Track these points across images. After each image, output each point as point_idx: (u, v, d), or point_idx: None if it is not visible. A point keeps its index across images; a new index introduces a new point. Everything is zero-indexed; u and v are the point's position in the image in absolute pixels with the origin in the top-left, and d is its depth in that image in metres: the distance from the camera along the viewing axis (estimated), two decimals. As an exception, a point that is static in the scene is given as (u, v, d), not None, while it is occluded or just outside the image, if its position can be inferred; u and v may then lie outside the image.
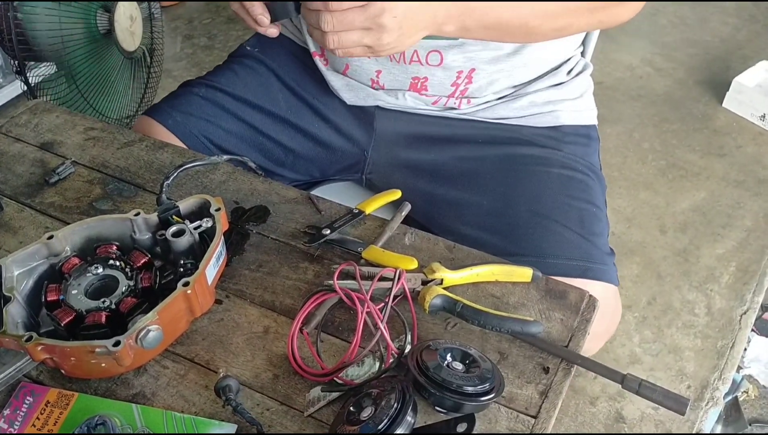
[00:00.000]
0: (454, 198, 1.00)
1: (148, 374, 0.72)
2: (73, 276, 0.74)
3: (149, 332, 0.67)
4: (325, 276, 0.81)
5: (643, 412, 1.54)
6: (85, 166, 0.97)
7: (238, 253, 0.85)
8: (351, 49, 0.83)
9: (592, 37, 1.12)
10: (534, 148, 1.00)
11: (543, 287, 0.79)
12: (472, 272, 0.79)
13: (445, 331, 0.75)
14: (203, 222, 0.78)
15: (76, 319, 0.70)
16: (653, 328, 1.72)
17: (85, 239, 0.78)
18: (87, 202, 0.92)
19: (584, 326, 0.75)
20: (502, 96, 1.02)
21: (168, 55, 2.48)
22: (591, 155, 1.02)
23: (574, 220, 0.93)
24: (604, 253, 0.93)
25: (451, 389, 0.63)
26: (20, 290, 0.73)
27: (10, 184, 0.95)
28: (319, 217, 0.89)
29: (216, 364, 0.73)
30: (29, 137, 1.03)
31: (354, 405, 0.64)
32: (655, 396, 0.67)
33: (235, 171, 0.97)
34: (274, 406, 0.69)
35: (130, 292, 0.72)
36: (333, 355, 0.73)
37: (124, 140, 1.02)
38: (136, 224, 0.78)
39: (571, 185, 0.97)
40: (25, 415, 0.69)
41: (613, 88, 2.47)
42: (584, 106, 1.05)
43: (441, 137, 1.04)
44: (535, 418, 0.67)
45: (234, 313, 0.78)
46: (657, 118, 2.38)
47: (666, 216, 2.01)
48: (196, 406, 0.69)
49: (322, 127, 1.12)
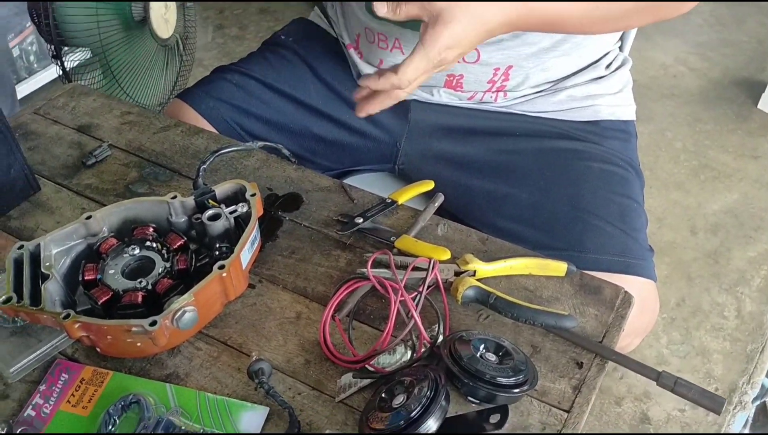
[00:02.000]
0: (490, 190, 0.99)
1: (182, 355, 0.72)
2: (111, 256, 0.75)
3: (185, 313, 0.67)
4: (357, 264, 0.81)
5: (669, 413, 1.53)
6: (122, 150, 0.98)
7: (271, 239, 0.85)
8: None
9: (631, 31, 1.10)
10: (574, 142, 0.99)
11: (577, 282, 0.78)
12: (505, 265, 0.78)
13: (477, 323, 0.75)
14: (239, 207, 0.78)
15: (112, 298, 0.71)
16: (682, 329, 1.70)
17: (123, 220, 0.79)
18: (123, 184, 0.93)
19: (619, 322, 0.74)
20: (540, 90, 1.01)
21: (199, 44, 2.49)
22: (630, 151, 1.01)
23: (614, 215, 0.92)
24: (644, 249, 0.92)
25: (485, 380, 0.63)
26: (58, 269, 0.74)
27: (48, 165, 0.97)
28: (352, 205, 0.89)
29: (248, 347, 0.73)
30: (66, 120, 1.05)
31: (386, 392, 0.64)
32: (690, 394, 0.66)
33: (268, 158, 0.97)
34: (306, 391, 0.69)
35: (167, 273, 0.73)
36: (364, 343, 0.73)
37: (159, 125, 1.03)
38: (173, 207, 0.78)
39: (612, 180, 0.96)
40: (60, 391, 0.70)
41: (646, 87, 2.44)
42: (623, 101, 1.04)
43: (477, 129, 1.03)
44: (567, 412, 0.66)
45: (267, 298, 0.78)
46: (690, 117, 2.34)
47: (697, 217, 1.98)
48: (229, 388, 0.69)
49: (355, 117, 1.12)
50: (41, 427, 0.67)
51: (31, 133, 1.02)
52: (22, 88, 2.21)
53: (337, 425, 0.66)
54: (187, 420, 0.66)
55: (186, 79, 2.12)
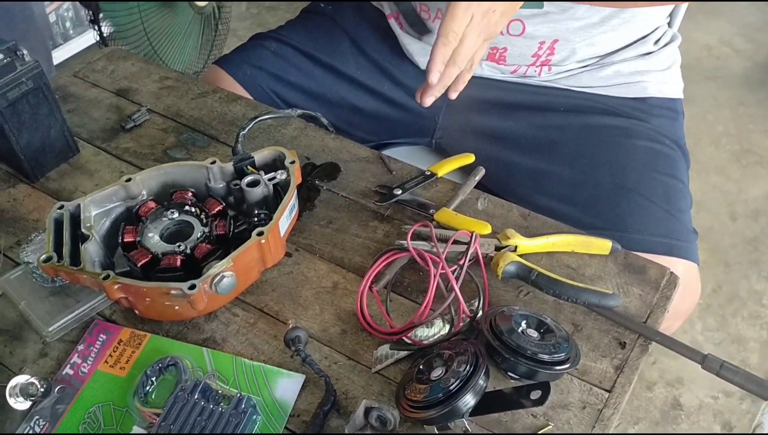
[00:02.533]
0: (530, 166, 0.97)
1: (219, 320, 0.72)
2: (150, 219, 0.74)
3: (224, 278, 0.67)
4: (395, 236, 0.80)
5: (701, 400, 1.50)
6: (160, 115, 0.98)
7: (309, 208, 0.84)
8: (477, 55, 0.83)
9: (682, 6, 1.06)
10: (619, 119, 0.96)
11: (621, 261, 0.76)
12: (547, 241, 0.77)
13: (517, 299, 0.73)
14: (277, 174, 0.77)
15: (151, 261, 0.71)
16: (717, 316, 1.66)
17: (162, 184, 0.78)
18: (161, 149, 0.93)
19: (664, 303, 0.72)
20: (586, 65, 0.98)
21: (234, 14, 2.48)
22: (677, 129, 0.98)
23: (659, 195, 0.90)
24: (689, 231, 0.90)
25: (526, 356, 0.62)
26: (97, 230, 0.74)
27: (87, 128, 0.97)
28: (390, 177, 0.88)
29: (285, 315, 0.73)
30: (105, 83, 1.04)
31: (424, 365, 0.63)
32: (737, 379, 0.65)
33: (306, 127, 0.96)
34: (342, 360, 0.68)
35: (205, 238, 0.73)
36: (401, 315, 0.73)
37: (198, 91, 1.02)
38: (212, 172, 0.78)
39: (658, 159, 0.93)
40: (98, 351, 0.70)
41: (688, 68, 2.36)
42: (672, 78, 1.01)
43: (519, 104, 1.01)
44: (609, 392, 0.65)
45: (303, 267, 0.77)
46: (733, 100, 2.28)
47: (737, 202, 1.94)
48: (265, 354, 0.69)
49: (393, 89, 1.10)
50: (79, 385, 0.68)
51: (71, 96, 1.02)
52: (57, 54, 2.22)
53: (373, 395, 0.65)
54: (224, 384, 0.66)
55: (220, 49, 2.11)
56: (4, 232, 0.83)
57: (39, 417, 0.65)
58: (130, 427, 0.61)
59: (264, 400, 0.65)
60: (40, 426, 0.65)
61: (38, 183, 0.89)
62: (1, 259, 0.80)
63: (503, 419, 0.63)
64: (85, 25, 2.26)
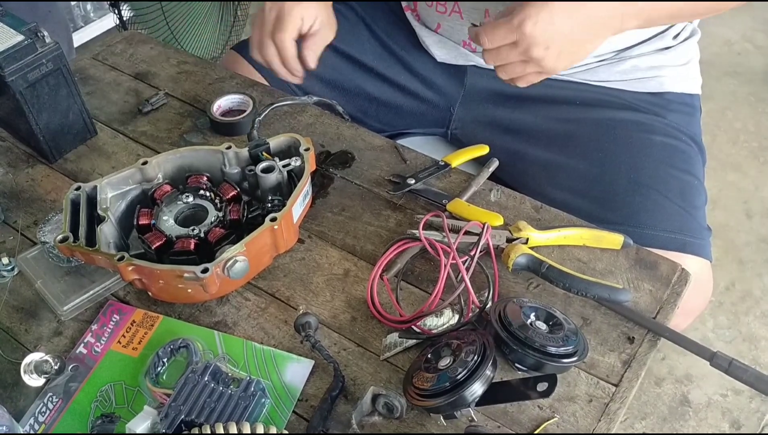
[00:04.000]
0: (545, 159, 0.97)
1: (231, 304, 0.73)
2: (165, 203, 0.75)
3: (236, 262, 0.68)
4: (407, 225, 0.81)
5: (710, 398, 1.50)
6: (177, 99, 0.99)
7: (322, 195, 0.85)
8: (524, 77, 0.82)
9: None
10: (636, 114, 0.95)
11: (633, 256, 0.76)
12: (559, 234, 0.77)
13: (527, 291, 0.74)
14: (292, 160, 0.78)
15: (165, 243, 0.72)
16: (729, 314, 1.65)
17: (177, 168, 0.79)
18: (178, 133, 0.93)
19: (674, 299, 0.72)
20: (603, 58, 0.98)
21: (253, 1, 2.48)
22: (694, 125, 0.97)
23: (675, 191, 0.89)
24: (703, 228, 0.89)
25: (534, 347, 0.62)
26: (113, 212, 0.75)
27: (105, 111, 0.98)
28: (404, 166, 0.88)
29: (296, 301, 0.73)
30: (124, 66, 1.05)
31: (432, 353, 0.64)
32: (746, 377, 0.64)
33: (322, 114, 0.96)
34: (351, 347, 0.69)
35: (219, 222, 0.73)
36: (411, 304, 0.73)
37: (215, 76, 1.03)
38: (227, 157, 0.78)
39: (674, 155, 0.92)
40: (112, 331, 0.72)
41: (708, 63, 2.33)
42: (690, 73, 1.00)
43: (535, 97, 1.01)
44: (616, 386, 0.65)
45: (315, 254, 0.78)
46: (753, 97, 2.25)
47: (753, 200, 1.92)
48: (275, 339, 0.70)
49: (409, 79, 1.10)
50: (92, 364, 0.69)
51: (90, 78, 1.03)
52: (78, 36, 2.23)
53: (381, 382, 0.66)
54: (234, 367, 0.67)
55: (239, 35, 2.12)
56: (22, 212, 0.84)
57: (52, 394, 0.67)
58: (141, 407, 0.62)
59: (273, 384, 0.66)
60: (53, 402, 0.66)
61: (56, 164, 0.90)
62: (19, 238, 0.81)
63: (509, 410, 0.64)
64: (106, 9, 2.27)
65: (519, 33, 0.75)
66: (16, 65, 0.80)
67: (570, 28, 0.76)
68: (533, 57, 0.76)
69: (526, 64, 0.79)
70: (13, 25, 0.83)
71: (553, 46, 0.76)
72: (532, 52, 0.76)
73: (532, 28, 0.74)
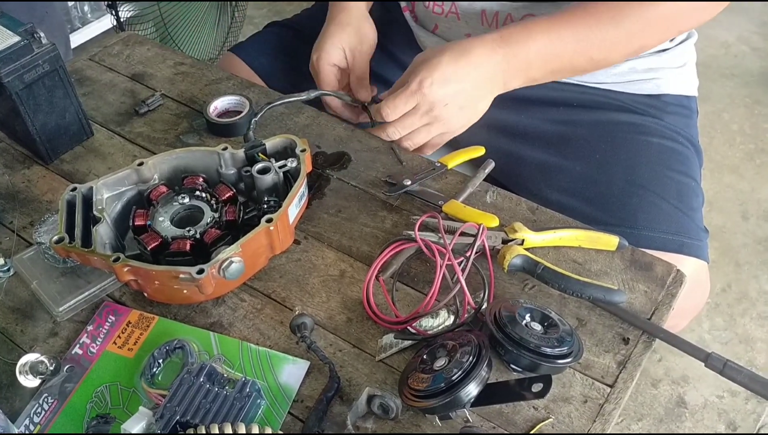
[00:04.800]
0: (541, 161, 0.97)
1: (226, 305, 0.73)
2: (161, 203, 0.75)
3: (232, 263, 0.68)
4: (403, 226, 0.81)
5: (706, 399, 1.50)
6: (174, 100, 0.99)
7: (318, 196, 0.85)
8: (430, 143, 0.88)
9: (699, 2, 1.05)
10: (633, 116, 0.96)
11: (628, 257, 0.76)
12: (555, 236, 0.77)
13: (523, 292, 0.74)
14: (288, 162, 0.78)
15: (161, 244, 0.72)
16: (725, 315, 1.66)
17: (173, 169, 0.79)
18: (174, 134, 0.94)
19: (669, 301, 0.72)
20: (599, 60, 0.98)
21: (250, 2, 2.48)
22: (691, 127, 0.98)
23: (672, 193, 0.89)
24: (700, 229, 0.90)
25: (529, 348, 0.62)
26: (109, 213, 0.75)
27: (101, 112, 0.98)
28: (400, 167, 0.88)
29: (291, 302, 0.73)
30: (121, 67, 1.05)
31: (428, 354, 0.64)
32: (740, 378, 0.65)
33: (318, 115, 0.96)
34: (347, 348, 0.69)
35: (215, 223, 0.73)
36: (407, 305, 0.73)
37: (212, 77, 1.03)
38: (223, 158, 0.79)
39: (671, 156, 0.93)
40: (107, 332, 0.71)
41: (704, 65, 2.35)
42: (687, 75, 1.00)
43: (531, 98, 1.01)
44: (611, 387, 0.65)
45: (311, 255, 0.78)
46: (749, 99, 2.26)
47: (750, 202, 1.92)
48: (271, 340, 0.70)
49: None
50: (88, 365, 0.69)
51: (86, 79, 1.03)
52: (75, 37, 2.24)
53: (376, 383, 0.66)
54: (230, 368, 0.67)
55: (236, 36, 2.12)
56: (18, 213, 0.84)
57: (48, 395, 0.67)
58: (137, 408, 0.62)
59: (269, 385, 0.66)
60: (48, 403, 0.66)
61: (52, 165, 0.90)
62: (15, 238, 0.81)
63: (504, 410, 0.64)
64: (103, 10, 2.27)
65: (419, 95, 0.82)
66: (12, 66, 0.80)
67: (462, 86, 0.82)
68: (436, 116, 0.82)
69: (431, 127, 0.84)
70: (10, 26, 0.83)
71: (452, 103, 0.82)
72: (434, 111, 0.82)
73: (430, 88, 0.81)
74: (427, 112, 0.81)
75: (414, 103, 0.81)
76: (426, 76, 0.80)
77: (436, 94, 0.80)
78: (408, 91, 0.81)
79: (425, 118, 0.83)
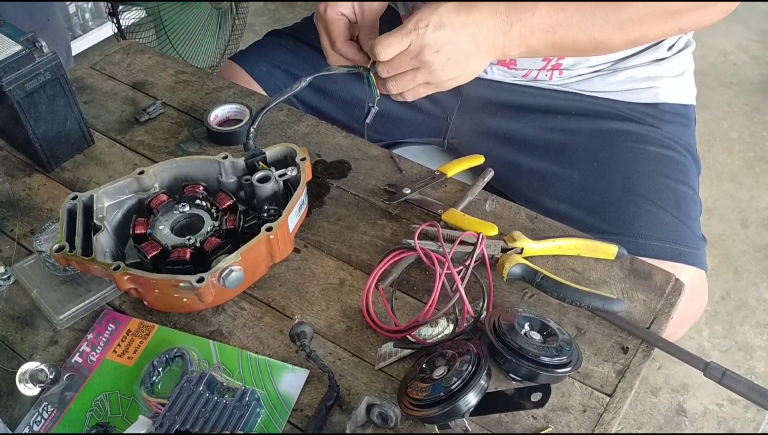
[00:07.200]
0: (540, 169, 0.97)
1: (226, 314, 0.73)
2: (161, 212, 0.76)
3: (232, 272, 0.68)
4: (403, 235, 0.81)
5: (706, 407, 1.50)
6: (175, 108, 0.99)
7: (318, 205, 0.85)
8: (413, 90, 0.84)
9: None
10: (631, 124, 0.96)
11: (627, 266, 0.76)
12: (554, 244, 0.77)
13: (522, 301, 0.74)
14: (288, 170, 0.78)
15: (161, 253, 0.72)
16: (725, 323, 1.66)
17: (174, 178, 0.80)
18: (175, 142, 0.94)
19: (668, 310, 0.72)
20: (597, 69, 0.99)
21: (251, 10, 2.49)
22: (689, 136, 0.98)
23: (669, 202, 0.90)
24: (698, 238, 0.90)
25: (528, 358, 0.62)
26: (110, 221, 0.76)
27: (102, 120, 0.98)
28: (400, 176, 0.89)
29: (291, 310, 0.74)
30: (122, 76, 1.06)
31: (427, 363, 0.64)
32: (738, 387, 0.65)
33: (318, 124, 0.97)
34: (346, 357, 0.69)
35: (215, 232, 0.74)
36: (406, 314, 0.73)
37: (213, 86, 1.03)
38: (224, 167, 0.79)
39: (669, 165, 0.93)
40: (107, 341, 0.72)
41: (703, 73, 2.36)
42: (685, 84, 1.01)
43: (530, 107, 1.01)
44: (610, 396, 0.65)
45: (311, 263, 0.78)
46: (748, 107, 2.27)
47: (749, 210, 1.93)
48: (271, 348, 0.70)
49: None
50: (87, 373, 0.69)
51: (87, 88, 1.03)
52: (76, 44, 2.24)
53: (375, 392, 0.66)
54: (229, 377, 0.67)
55: (237, 44, 2.12)
56: (19, 221, 0.84)
57: (47, 403, 0.67)
58: (136, 416, 0.62)
59: (268, 394, 0.66)
60: (48, 411, 0.66)
61: (53, 173, 0.91)
62: (15, 247, 0.81)
63: (503, 420, 0.64)
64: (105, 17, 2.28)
65: (414, 35, 0.78)
66: (13, 75, 0.81)
67: (457, 36, 0.79)
68: (424, 60, 0.79)
69: (417, 72, 0.81)
70: (11, 35, 0.83)
71: (442, 51, 0.79)
72: (423, 54, 0.79)
73: (425, 30, 0.78)
74: (416, 55, 0.79)
75: (408, 43, 0.79)
76: (423, 18, 0.78)
77: (428, 36, 0.78)
78: (404, 30, 0.79)
79: (414, 62, 0.81)
